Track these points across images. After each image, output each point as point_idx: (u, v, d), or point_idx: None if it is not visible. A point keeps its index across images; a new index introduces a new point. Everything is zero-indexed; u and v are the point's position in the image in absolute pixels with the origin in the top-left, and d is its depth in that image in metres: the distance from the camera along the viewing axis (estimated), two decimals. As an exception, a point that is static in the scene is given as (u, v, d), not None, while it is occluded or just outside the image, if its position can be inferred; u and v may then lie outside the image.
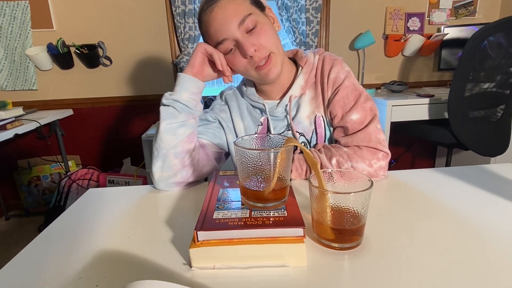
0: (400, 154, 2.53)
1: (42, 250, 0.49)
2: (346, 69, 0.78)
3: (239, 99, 0.85)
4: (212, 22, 0.68)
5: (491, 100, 1.69)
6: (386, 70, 2.40)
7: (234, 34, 0.66)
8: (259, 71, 0.70)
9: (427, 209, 0.56)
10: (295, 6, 2.12)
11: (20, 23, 2.06)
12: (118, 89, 2.25)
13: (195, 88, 0.72)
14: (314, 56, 0.80)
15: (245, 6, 0.67)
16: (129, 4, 2.11)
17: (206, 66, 0.73)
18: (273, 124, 0.81)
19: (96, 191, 0.73)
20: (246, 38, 0.67)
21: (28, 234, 2.07)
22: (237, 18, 0.66)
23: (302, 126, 0.79)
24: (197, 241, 0.41)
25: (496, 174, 0.71)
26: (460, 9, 2.32)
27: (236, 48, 0.69)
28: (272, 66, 0.70)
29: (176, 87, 0.71)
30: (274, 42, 0.70)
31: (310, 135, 0.79)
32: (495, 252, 0.43)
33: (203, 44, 0.71)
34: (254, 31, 0.67)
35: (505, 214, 0.53)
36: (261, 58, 0.69)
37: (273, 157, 0.45)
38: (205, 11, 0.68)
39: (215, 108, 0.85)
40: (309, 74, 0.78)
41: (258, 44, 0.67)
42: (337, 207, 0.45)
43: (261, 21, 0.68)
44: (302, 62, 0.79)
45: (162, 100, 0.70)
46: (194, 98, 0.72)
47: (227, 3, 0.66)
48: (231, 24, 0.66)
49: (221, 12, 0.66)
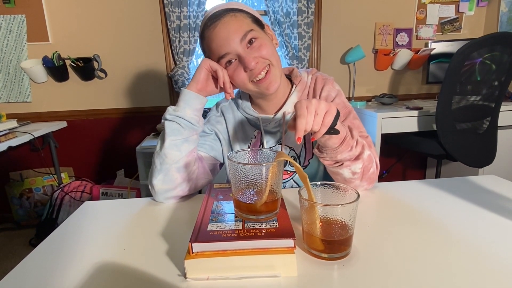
0: (391, 165, 2.57)
1: (39, 263, 0.50)
2: (336, 88, 0.82)
3: (234, 111, 0.87)
4: (215, 38, 0.70)
5: (478, 112, 1.75)
6: (376, 83, 2.47)
7: (236, 49, 0.70)
8: (259, 84, 0.73)
9: (413, 220, 0.58)
10: (287, 22, 2.18)
11: (16, 36, 2.07)
12: (112, 101, 2.26)
13: (198, 105, 0.74)
14: (307, 75, 0.84)
15: (246, 23, 0.70)
16: (125, 18, 2.14)
17: (210, 82, 0.75)
18: (266, 138, 0.83)
19: (92, 204, 0.74)
20: (248, 53, 0.70)
21: (18, 247, 2.04)
22: (239, 34, 0.69)
23: (292, 141, 0.82)
24: (192, 253, 0.43)
25: (481, 186, 0.74)
26: (446, 25, 2.41)
27: (238, 63, 0.72)
28: (272, 79, 0.73)
29: (180, 103, 0.73)
30: (273, 55, 0.73)
31: (299, 150, 0.82)
32: (479, 263, 0.45)
33: (208, 61, 0.73)
34: (255, 45, 0.71)
35: (489, 225, 0.56)
36: (260, 69, 0.71)
37: (265, 171, 0.47)
38: (208, 27, 0.71)
39: (212, 120, 0.87)
40: (302, 92, 0.82)
41: (258, 57, 0.71)
42: (326, 218, 0.47)
43: (261, 37, 0.72)
44: (297, 81, 0.83)
45: (166, 115, 0.72)
46: (197, 115, 0.74)
47: (229, 20, 0.70)
48: (233, 39, 0.69)
49: (223, 28, 0.69)
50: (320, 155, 0.68)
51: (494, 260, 0.45)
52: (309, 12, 2.15)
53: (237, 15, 0.70)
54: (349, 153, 0.65)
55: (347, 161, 0.67)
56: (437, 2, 2.37)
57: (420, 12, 2.37)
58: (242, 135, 0.85)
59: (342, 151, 0.64)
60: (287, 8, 2.17)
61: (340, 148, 0.64)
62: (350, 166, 0.67)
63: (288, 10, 2.17)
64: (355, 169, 0.68)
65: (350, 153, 0.65)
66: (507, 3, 2.26)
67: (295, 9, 2.14)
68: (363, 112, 2.07)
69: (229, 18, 0.69)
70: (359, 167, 0.68)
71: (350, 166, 0.68)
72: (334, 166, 0.69)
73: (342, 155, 0.65)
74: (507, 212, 0.60)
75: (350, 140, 0.64)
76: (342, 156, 0.65)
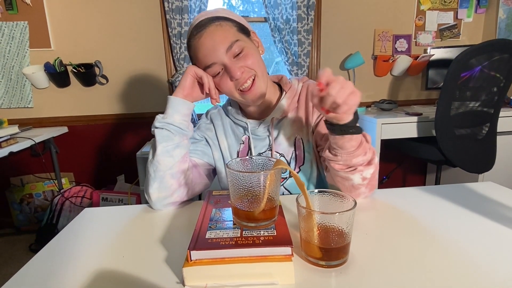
0: (391, 171, 2.57)
1: (39, 269, 0.50)
2: None
3: (223, 118, 0.88)
4: (201, 47, 0.71)
5: (477, 118, 1.76)
6: (375, 89, 2.48)
7: (222, 59, 0.71)
8: (245, 95, 0.74)
9: (410, 228, 0.59)
10: (287, 28, 2.20)
11: (18, 42, 2.10)
12: (113, 107, 2.27)
13: (186, 110, 0.75)
14: (298, 83, 0.85)
15: (232, 33, 0.71)
16: (127, 25, 2.17)
17: (196, 88, 0.76)
18: (254, 143, 0.84)
19: (92, 211, 0.74)
20: (233, 63, 0.71)
21: (18, 253, 2.04)
22: (225, 44, 0.70)
23: (282, 147, 0.83)
24: (190, 260, 0.43)
25: (479, 193, 0.74)
26: (445, 32, 2.43)
27: (224, 72, 0.73)
28: (257, 91, 0.74)
29: (168, 110, 0.74)
30: (259, 65, 0.74)
31: (289, 156, 0.83)
32: (476, 271, 0.45)
33: (193, 67, 0.74)
34: (241, 55, 0.72)
35: (487, 232, 0.56)
36: (246, 78, 0.73)
37: (263, 179, 0.48)
38: (194, 36, 0.72)
39: (201, 127, 0.89)
40: (292, 99, 0.83)
41: (244, 66, 0.72)
42: (324, 226, 0.47)
43: (247, 46, 0.73)
44: (286, 88, 0.84)
45: (155, 123, 0.73)
46: (186, 120, 0.75)
47: (215, 30, 0.70)
48: (219, 49, 0.70)
49: (209, 38, 0.70)
50: (333, 159, 0.66)
51: (492, 268, 0.46)
52: (308, 19, 2.17)
53: (223, 24, 0.71)
54: (364, 157, 0.64)
55: (360, 165, 0.65)
56: (435, 9, 2.39)
57: (419, 18, 2.39)
58: (231, 141, 0.86)
59: (358, 155, 0.64)
60: (287, 15, 2.19)
61: (357, 152, 0.63)
62: (363, 171, 0.65)
63: (288, 17, 2.20)
64: (366, 175, 0.66)
65: (364, 157, 0.64)
66: (505, 10, 2.28)
67: (295, 16, 2.17)
68: (363, 118, 2.07)
69: (214, 28, 0.70)
70: (370, 172, 0.67)
71: (362, 171, 0.65)
72: (346, 171, 0.66)
73: (357, 159, 0.64)
74: (505, 219, 0.60)
75: (365, 144, 0.64)
76: (356, 160, 0.64)
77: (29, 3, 2.04)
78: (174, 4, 2.04)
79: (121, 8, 2.14)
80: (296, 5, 2.14)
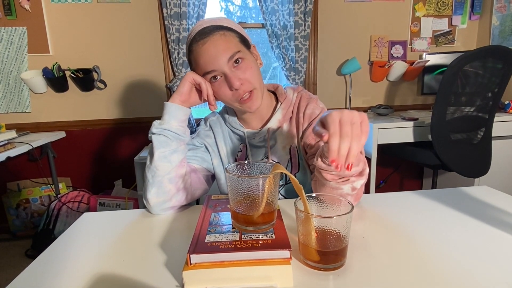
0: (388, 175, 2.58)
1: (38, 275, 0.51)
2: (320, 106, 0.84)
3: (222, 126, 0.90)
4: (203, 54, 0.72)
5: (472, 123, 1.78)
6: (372, 94, 2.50)
7: (223, 67, 0.72)
8: (242, 103, 0.76)
9: (407, 231, 0.60)
10: (284, 34, 2.22)
11: (16, 47, 2.10)
12: (111, 112, 2.28)
13: (183, 116, 0.76)
14: (293, 93, 0.87)
15: (234, 44, 0.73)
16: (125, 30, 2.18)
17: (194, 94, 0.77)
18: (251, 152, 0.86)
19: (91, 215, 0.74)
20: (234, 73, 0.72)
21: (14, 259, 2.02)
22: (227, 54, 0.71)
23: (278, 156, 0.84)
24: (190, 264, 0.44)
25: (475, 197, 0.75)
26: (440, 38, 2.47)
27: (223, 80, 0.74)
28: (254, 100, 0.76)
29: (164, 116, 0.75)
30: (257, 78, 0.76)
31: (285, 164, 0.84)
32: (472, 274, 0.46)
33: (191, 74, 0.75)
34: (241, 66, 0.73)
35: (482, 236, 0.57)
36: (245, 91, 0.74)
37: (262, 183, 0.49)
38: (197, 42, 0.73)
39: (201, 134, 0.90)
40: (287, 109, 0.84)
41: (243, 79, 0.73)
42: (321, 229, 0.48)
43: (247, 58, 0.74)
44: (282, 98, 0.85)
45: (152, 129, 0.74)
46: (182, 125, 0.76)
47: (219, 39, 0.72)
48: (221, 58, 0.71)
49: (213, 46, 0.71)
50: (326, 168, 0.62)
51: (487, 272, 0.46)
52: (305, 25, 2.20)
53: (227, 34, 0.72)
54: (356, 168, 0.61)
55: (352, 176, 0.63)
56: (430, 15, 2.43)
57: (414, 25, 2.43)
58: (229, 149, 0.88)
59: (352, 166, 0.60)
60: (284, 21, 2.22)
61: None
62: (354, 181, 0.63)
63: (285, 23, 2.22)
64: (357, 185, 0.64)
65: (357, 168, 0.61)
66: (498, 17, 2.32)
67: (292, 22, 2.19)
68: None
69: (218, 37, 0.71)
70: (361, 183, 0.65)
71: (353, 182, 0.63)
72: (337, 181, 0.63)
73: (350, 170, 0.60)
74: (500, 223, 0.61)
75: (359, 155, 0.62)
76: (350, 171, 0.60)
77: (28, 9, 2.05)
78: (173, 10, 2.06)
79: (120, 13, 2.15)
80: (293, 11, 2.17)
